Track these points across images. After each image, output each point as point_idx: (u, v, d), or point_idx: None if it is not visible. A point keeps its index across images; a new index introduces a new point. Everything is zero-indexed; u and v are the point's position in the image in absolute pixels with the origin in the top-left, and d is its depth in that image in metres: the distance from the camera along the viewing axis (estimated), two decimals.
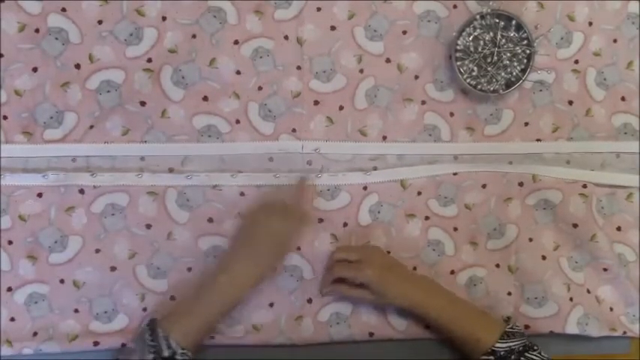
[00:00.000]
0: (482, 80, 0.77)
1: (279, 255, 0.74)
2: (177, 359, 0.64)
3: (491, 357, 0.67)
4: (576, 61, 0.80)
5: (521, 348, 0.67)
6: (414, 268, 0.78)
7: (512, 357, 0.67)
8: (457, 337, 0.72)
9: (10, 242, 0.74)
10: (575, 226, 0.79)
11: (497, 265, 0.79)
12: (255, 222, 0.72)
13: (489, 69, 0.77)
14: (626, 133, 0.81)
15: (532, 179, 0.79)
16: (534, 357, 0.67)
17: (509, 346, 0.67)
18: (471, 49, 0.77)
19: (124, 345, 0.72)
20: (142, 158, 0.77)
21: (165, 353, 0.64)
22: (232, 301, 0.70)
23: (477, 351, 0.69)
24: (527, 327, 0.78)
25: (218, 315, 0.70)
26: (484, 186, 0.79)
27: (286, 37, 0.77)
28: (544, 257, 0.79)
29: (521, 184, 0.79)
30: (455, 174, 0.79)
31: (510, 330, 0.69)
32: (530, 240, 0.79)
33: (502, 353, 0.67)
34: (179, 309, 0.69)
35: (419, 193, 0.79)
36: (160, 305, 0.75)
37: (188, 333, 0.66)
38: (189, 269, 0.76)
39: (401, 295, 0.72)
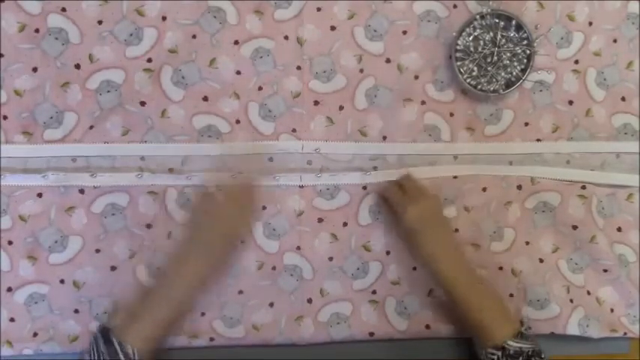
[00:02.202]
0: (482, 80, 0.77)
1: (229, 247, 0.72)
2: None
3: (499, 352, 0.67)
4: (576, 61, 0.80)
5: (530, 352, 0.67)
6: (414, 269, 0.78)
7: (520, 358, 0.67)
8: (470, 321, 0.70)
9: (10, 242, 0.74)
10: (574, 227, 0.79)
11: (501, 268, 0.79)
12: (200, 217, 0.70)
13: (489, 69, 0.77)
14: (626, 134, 0.81)
15: (530, 182, 0.79)
16: None
17: (520, 347, 0.67)
18: (471, 49, 0.77)
19: None
20: (142, 158, 0.77)
21: None
22: (186, 300, 0.69)
23: (485, 342, 0.69)
24: (528, 328, 0.78)
25: (173, 317, 0.68)
26: (484, 189, 0.79)
27: (286, 37, 0.77)
28: (541, 260, 0.79)
29: (519, 187, 0.79)
30: (455, 177, 0.79)
31: (525, 332, 0.69)
32: (527, 243, 0.79)
33: (511, 352, 0.67)
34: (131, 314, 0.67)
35: None
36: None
37: (143, 338, 0.65)
38: None
39: (428, 254, 0.71)
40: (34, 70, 0.74)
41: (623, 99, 0.81)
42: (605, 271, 0.79)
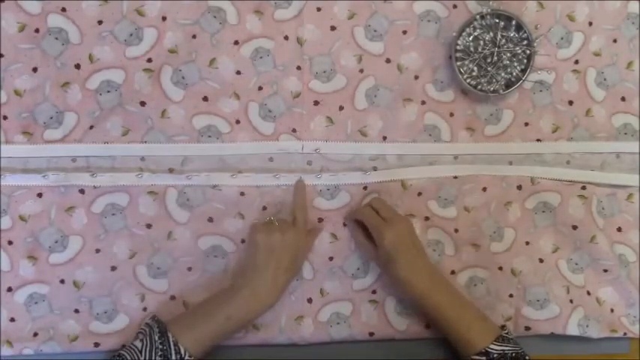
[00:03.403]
0: (483, 80, 0.77)
1: (296, 272, 0.75)
2: None
3: (484, 357, 0.67)
4: (576, 61, 0.80)
5: (513, 354, 0.67)
6: None
7: None
8: (449, 335, 0.71)
9: (10, 242, 0.74)
10: (574, 227, 0.79)
11: (500, 268, 0.79)
12: (272, 237, 0.70)
13: (489, 69, 0.77)
14: (626, 134, 0.81)
15: (530, 182, 0.79)
16: None
17: (503, 350, 0.67)
18: (471, 49, 0.77)
19: (124, 346, 0.72)
20: (142, 158, 0.77)
21: (173, 357, 0.64)
22: (251, 315, 0.70)
23: (466, 351, 0.69)
24: (528, 328, 0.78)
25: (233, 329, 0.69)
26: (484, 189, 0.79)
27: (286, 37, 0.77)
28: (541, 260, 0.79)
29: (519, 187, 0.79)
30: (455, 177, 0.79)
31: (506, 335, 0.69)
32: (527, 243, 0.79)
33: (495, 356, 0.67)
34: (192, 316, 0.69)
35: (419, 194, 0.79)
36: (161, 306, 0.75)
37: (199, 341, 0.66)
38: (189, 269, 0.76)
39: (403, 277, 0.71)
40: (34, 70, 0.74)
41: (623, 99, 0.81)
42: (605, 271, 0.79)
